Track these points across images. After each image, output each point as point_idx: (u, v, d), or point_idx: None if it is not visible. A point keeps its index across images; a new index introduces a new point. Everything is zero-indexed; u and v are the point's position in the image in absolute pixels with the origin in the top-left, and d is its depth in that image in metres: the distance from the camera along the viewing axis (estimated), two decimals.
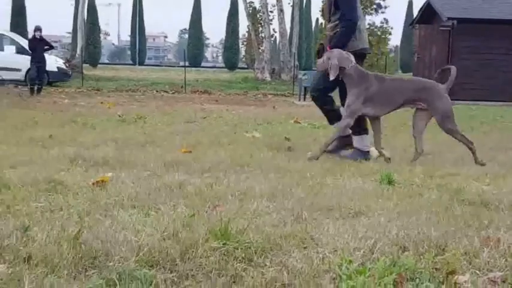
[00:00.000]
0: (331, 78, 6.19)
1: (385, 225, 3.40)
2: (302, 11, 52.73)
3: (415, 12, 35.31)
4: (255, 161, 5.81)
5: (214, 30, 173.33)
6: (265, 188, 4.43)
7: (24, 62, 24.62)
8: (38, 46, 19.78)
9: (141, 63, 66.61)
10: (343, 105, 6.53)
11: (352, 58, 6.28)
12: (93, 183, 4.31)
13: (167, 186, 4.38)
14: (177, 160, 5.65)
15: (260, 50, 40.33)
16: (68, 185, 4.25)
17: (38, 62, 19.80)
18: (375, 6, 38.24)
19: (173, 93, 24.85)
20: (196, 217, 3.44)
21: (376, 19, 39.10)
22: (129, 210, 3.64)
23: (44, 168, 4.98)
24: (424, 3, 26.79)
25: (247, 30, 46.47)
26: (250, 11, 41.42)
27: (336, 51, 6.28)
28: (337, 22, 6.46)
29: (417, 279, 2.58)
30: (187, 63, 39.67)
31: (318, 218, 3.60)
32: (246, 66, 53.75)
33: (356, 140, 6.67)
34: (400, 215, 3.69)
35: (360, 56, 6.57)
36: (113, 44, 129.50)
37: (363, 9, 37.09)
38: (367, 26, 37.84)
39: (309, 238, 3.13)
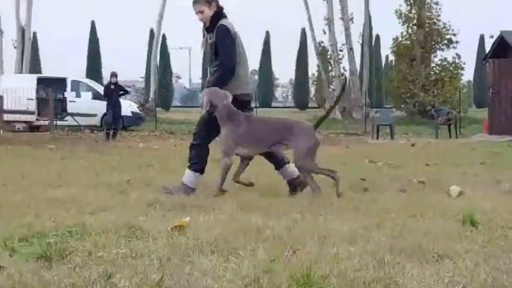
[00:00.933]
0: (203, 111, 6.46)
1: (472, 270, 3.29)
2: (371, 48, 52.60)
3: (487, 46, 34.78)
4: (332, 202, 5.75)
5: (284, 70, 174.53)
6: (344, 230, 4.36)
7: (100, 107, 25.27)
8: (114, 92, 20.24)
9: None
10: None
11: (229, 97, 6.33)
12: (171, 228, 4.32)
13: (245, 230, 4.35)
14: (253, 203, 5.64)
15: (330, 89, 40.35)
16: (147, 231, 4.28)
17: (113, 107, 20.23)
18: (445, 41, 37.82)
19: None
20: (276, 262, 3.40)
21: (448, 54, 38.78)
22: (209, 255, 3.63)
23: (123, 213, 5.04)
24: (497, 38, 26.31)
25: (317, 69, 46.63)
26: (320, 50, 41.53)
27: (212, 88, 6.42)
28: (217, 68, 6.57)
29: None
30: (257, 104, 39.96)
31: (401, 262, 3.50)
32: (316, 106, 53.70)
33: (187, 175, 6.65)
34: (486, 258, 3.57)
35: (239, 101, 6.56)
36: (185, 87, 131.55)
37: (433, 44, 36.86)
38: (439, 62, 37.47)
39: (393, 284, 3.05)
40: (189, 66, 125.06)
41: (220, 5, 6.71)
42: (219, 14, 6.63)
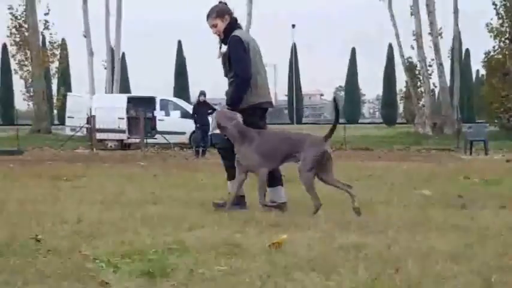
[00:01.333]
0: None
1: None
2: (461, 63, 51.58)
3: None
4: (430, 219, 5.63)
5: (370, 86, 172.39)
6: (445, 248, 4.25)
7: (188, 126, 25.66)
8: (203, 110, 20.47)
9: (299, 122, 67.36)
10: None
11: (238, 116, 6.34)
12: (269, 245, 4.30)
13: (343, 247, 4.31)
14: (349, 220, 5.57)
15: (420, 105, 39.74)
16: (246, 248, 4.28)
17: (202, 125, 20.46)
18: None
19: (333, 150, 24.75)
20: (378, 281, 3.33)
21: None
22: (309, 273, 3.58)
23: (219, 230, 5.06)
24: None
25: (405, 85, 46.05)
26: (408, 66, 40.99)
27: (219, 111, 6.62)
28: (232, 80, 6.54)
29: None
30: (344, 120, 39.71)
31: (509, 282, 3.37)
32: (405, 121, 53.02)
33: (271, 192, 6.56)
34: None
35: (259, 109, 6.66)
36: None
37: None
38: None
39: None
40: (274, 82, 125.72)
41: (234, 16, 6.76)
42: (232, 25, 6.67)
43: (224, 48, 6.76)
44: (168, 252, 4.13)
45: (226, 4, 6.80)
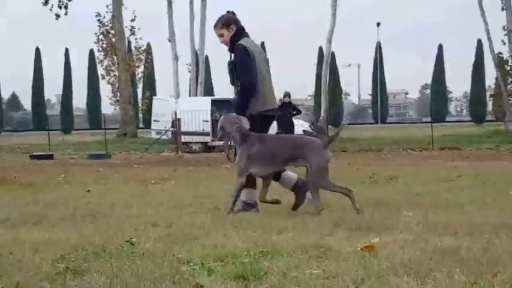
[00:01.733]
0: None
1: None
2: None
3: None
4: None
5: (457, 83, 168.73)
6: None
7: (272, 126, 25.63)
8: (287, 111, 20.51)
9: (383, 121, 66.59)
10: None
11: (242, 121, 6.52)
12: (361, 249, 4.26)
13: (437, 250, 4.23)
14: (441, 222, 5.46)
15: (511, 101, 38.63)
16: (337, 251, 4.25)
17: (286, 126, 20.48)
18: None
19: (420, 150, 24.36)
20: (477, 286, 3.24)
21: None
22: (404, 277, 3.53)
23: (309, 233, 5.04)
24: None
25: (495, 81, 44.86)
26: (498, 61, 39.87)
27: (224, 116, 6.83)
28: (239, 87, 6.63)
29: None
30: (431, 119, 38.99)
31: None
32: (494, 119, 51.68)
33: (244, 193, 6.63)
34: None
35: (265, 117, 6.80)
36: (353, 103, 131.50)
37: None
38: None
39: None
40: (358, 82, 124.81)
41: (241, 25, 6.86)
42: (238, 34, 6.78)
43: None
44: (260, 255, 4.15)
45: (234, 14, 6.97)
